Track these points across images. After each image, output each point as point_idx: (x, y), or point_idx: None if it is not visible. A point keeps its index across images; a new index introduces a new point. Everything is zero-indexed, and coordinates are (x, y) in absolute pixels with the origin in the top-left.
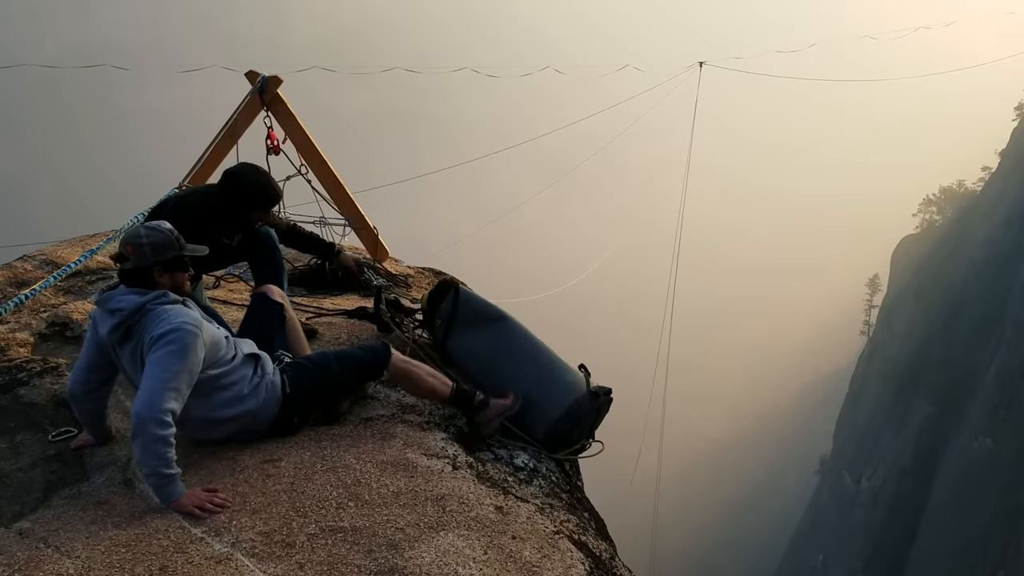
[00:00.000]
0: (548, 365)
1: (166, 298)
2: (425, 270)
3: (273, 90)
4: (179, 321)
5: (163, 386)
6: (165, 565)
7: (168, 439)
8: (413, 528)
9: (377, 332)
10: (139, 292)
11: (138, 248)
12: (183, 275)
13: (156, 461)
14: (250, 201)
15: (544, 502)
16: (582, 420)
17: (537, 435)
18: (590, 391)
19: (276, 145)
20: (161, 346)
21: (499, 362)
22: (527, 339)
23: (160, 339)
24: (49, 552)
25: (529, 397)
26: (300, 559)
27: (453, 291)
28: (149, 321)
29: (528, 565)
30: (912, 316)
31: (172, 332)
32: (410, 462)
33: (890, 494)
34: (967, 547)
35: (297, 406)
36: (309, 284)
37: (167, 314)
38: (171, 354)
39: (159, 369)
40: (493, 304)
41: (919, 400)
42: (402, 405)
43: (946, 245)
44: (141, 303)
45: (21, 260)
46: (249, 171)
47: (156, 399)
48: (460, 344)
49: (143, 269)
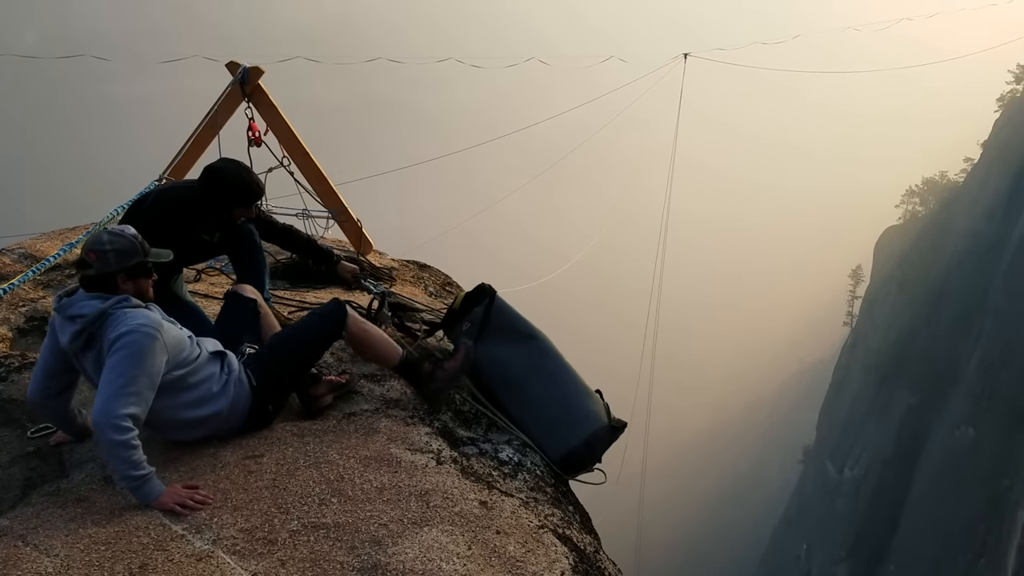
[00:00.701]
0: (573, 390)
1: (128, 303)
2: (410, 263)
3: (254, 81)
4: (135, 324)
5: (118, 391)
6: (145, 563)
7: (128, 443)
8: (396, 524)
9: None
10: (100, 298)
11: (101, 255)
12: (146, 281)
13: (123, 465)
14: (232, 197)
15: (529, 496)
16: (598, 450)
17: (553, 456)
18: (611, 424)
19: (258, 137)
20: (116, 350)
21: (526, 379)
22: (557, 361)
23: (116, 342)
24: (28, 550)
25: (552, 419)
26: (282, 556)
27: (489, 298)
28: (108, 325)
29: (512, 560)
30: (895, 307)
31: (128, 334)
32: (394, 457)
33: (872, 484)
34: (949, 536)
35: (268, 396)
36: (291, 278)
37: (125, 317)
38: (127, 358)
39: (114, 375)
40: (526, 319)
41: (901, 390)
42: (386, 400)
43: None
44: (103, 309)
45: (0, 254)
46: (230, 167)
47: (111, 405)
48: (487, 352)
49: (106, 276)
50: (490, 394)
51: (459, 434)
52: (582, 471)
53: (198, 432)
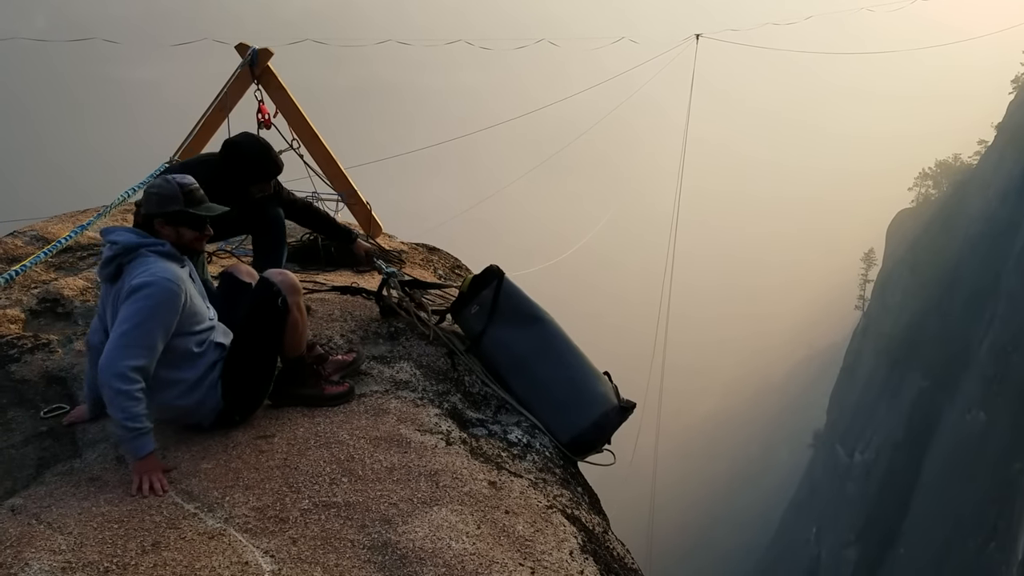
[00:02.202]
0: (581, 372)
1: (162, 248)
2: (419, 246)
3: (263, 63)
4: (161, 276)
5: (131, 341)
6: (158, 541)
7: (131, 393)
8: (406, 503)
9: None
10: (140, 233)
11: (147, 197)
12: (192, 233)
13: (121, 415)
14: (250, 173)
15: (537, 477)
16: (607, 431)
17: (562, 439)
18: (620, 405)
19: (267, 119)
20: (136, 299)
21: (533, 362)
22: (565, 343)
23: (137, 290)
24: (41, 528)
25: (560, 402)
26: (293, 534)
27: (497, 280)
28: (136, 266)
29: (521, 539)
30: (907, 290)
31: (150, 285)
32: (403, 438)
33: (883, 467)
34: (959, 519)
35: (235, 406)
36: (301, 260)
37: (151, 265)
38: (145, 309)
39: (129, 324)
40: (534, 302)
41: (913, 374)
42: (395, 381)
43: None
44: (137, 243)
45: (11, 236)
46: (249, 142)
47: (121, 354)
48: (495, 334)
49: (146, 217)
50: (498, 377)
51: (468, 415)
52: (591, 453)
53: (167, 415)
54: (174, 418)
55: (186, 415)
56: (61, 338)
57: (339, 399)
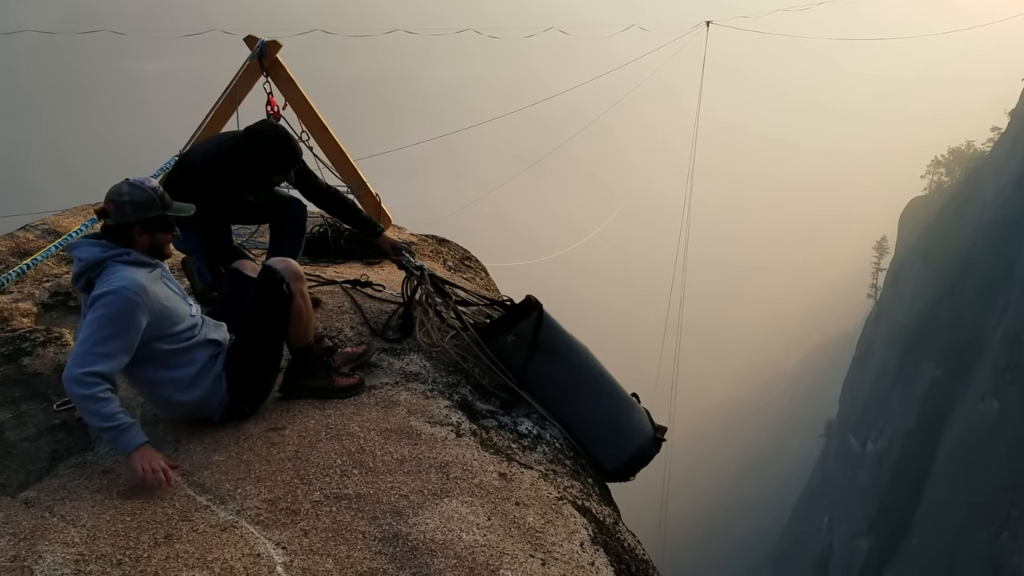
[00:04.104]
0: (616, 403)
1: (127, 257)
2: (429, 237)
3: (272, 55)
4: (118, 284)
5: (88, 350)
6: (170, 533)
7: (95, 396)
8: (417, 495)
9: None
10: (103, 245)
11: (119, 205)
12: (165, 235)
13: (94, 418)
14: (271, 162)
15: (548, 468)
16: (645, 461)
17: (605, 467)
18: (655, 436)
19: (276, 111)
20: (96, 308)
21: (571, 393)
22: (601, 374)
23: (97, 300)
24: (55, 521)
25: (599, 436)
26: (305, 526)
27: (538, 312)
28: (102, 279)
29: (532, 531)
30: (919, 279)
31: (108, 295)
32: (414, 430)
33: (895, 457)
34: (972, 509)
35: (243, 397)
36: (312, 252)
37: (115, 275)
38: (102, 318)
39: (86, 333)
40: (567, 331)
41: (925, 363)
42: (406, 373)
43: (954, 207)
44: (102, 257)
45: (23, 230)
46: (270, 131)
47: (78, 362)
48: (534, 367)
49: (123, 226)
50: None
51: (478, 407)
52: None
53: (174, 412)
54: (183, 415)
55: (194, 410)
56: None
57: (349, 391)
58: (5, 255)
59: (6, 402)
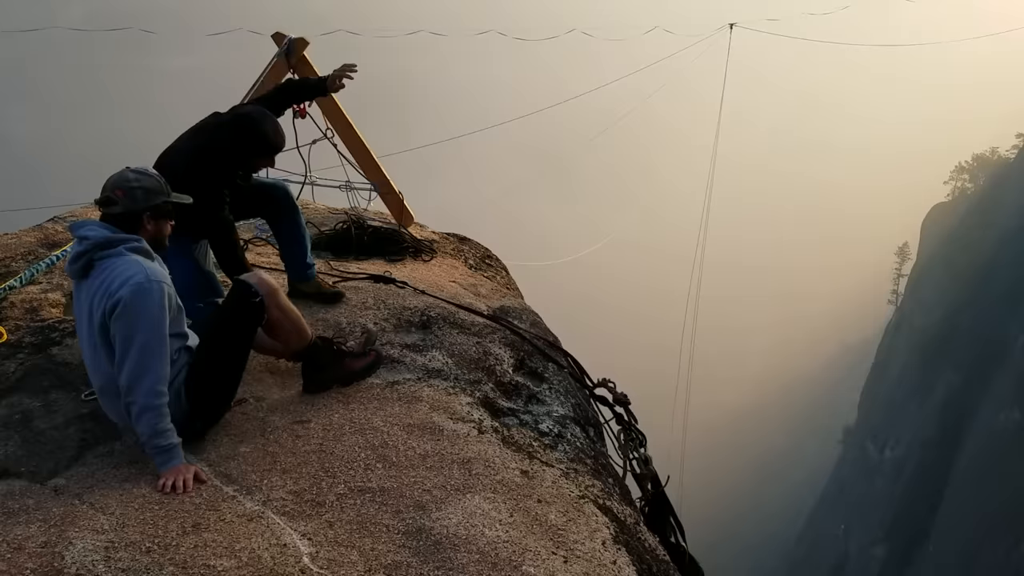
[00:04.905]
0: None
1: (139, 244)
2: (450, 236)
3: (299, 52)
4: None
5: (152, 353)
6: (198, 522)
7: (160, 410)
8: (440, 490)
9: None
10: (112, 228)
11: (129, 192)
12: (167, 224)
13: (148, 431)
14: (257, 148)
15: (569, 467)
16: None
17: None
18: None
19: (302, 109)
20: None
21: None
22: None
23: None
24: (84, 508)
25: None
26: (330, 518)
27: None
28: (115, 267)
29: (554, 528)
30: (941, 286)
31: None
32: (436, 425)
33: (913, 465)
34: (990, 519)
35: (197, 412)
36: (335, 248)
37: (132, 266)
38: (152, 316)
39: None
40: None
41: (946, 371)
42: (428, 370)
43: (977, 213)
44: (111, 238)
45: (52, 222)
46: (260, 116)
47: (146, 369)
48: None
49: (133, 213)
50: None
51: (500, 405)
52: None
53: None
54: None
55: None
56: None
57: (370, 369)
58: (34, 246)
59: (36, 391)
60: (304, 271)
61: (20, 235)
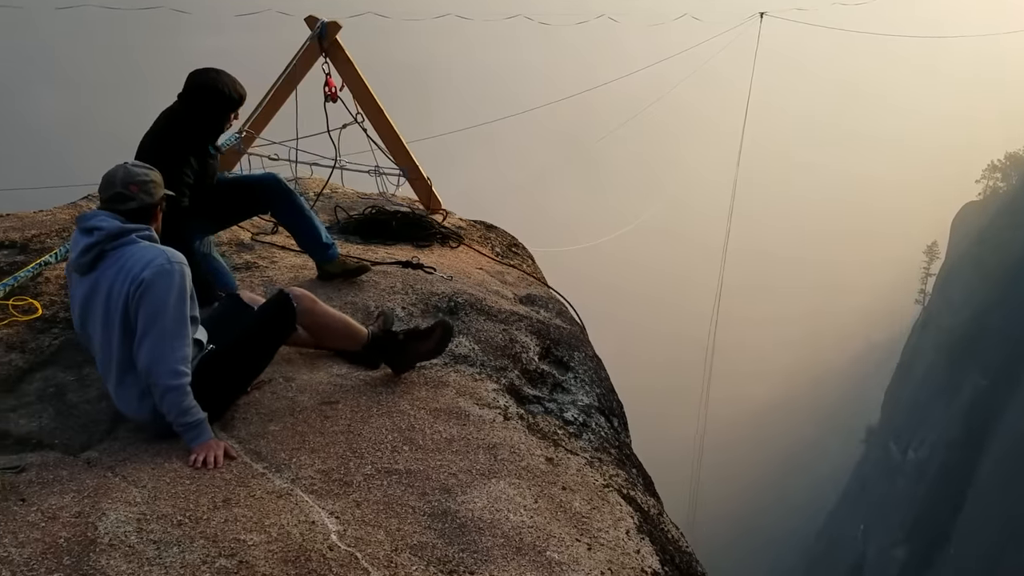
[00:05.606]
0: None
1: (149, 232)
2: (477, 223)
3: (332, 36)
4: (175, 261)
5: (174, 333)
6: (228, 497)
7: (183, 389)
8: (465, 474)
9: None
10: (122, 219)
11: (143, 185)
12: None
13: (174, 410)
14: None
15: (593, 456)
16: None
17: None
18: None
19: (334, 92)
20: (161, 288)
21: None
22: None
23: (160, 277)
24: (117, 481)
25: None
26: (357, 498)
27: None
28: (133, 253)
29: (578, 515)
30: (969, 285)
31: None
32: (462, 410)
33: (936, 466)
34: (1014, 522)
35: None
36: (364, 233)
37: (148, 251)
38: (173, 295)
39: (168, 317)
40: None
41: (972, 372)
42: (454, 355)
43: (1009, 213)
44: (124, 227)
45: (86, 199)
46: (213, 73)
47: (168, 349)
48: None
49: (148, 207)
50: None
51: (525, 392)
52: None
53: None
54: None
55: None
56: None
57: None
58: (68, 223)
59: (69, 365)
60: (325, 252)
61: (55, 212)
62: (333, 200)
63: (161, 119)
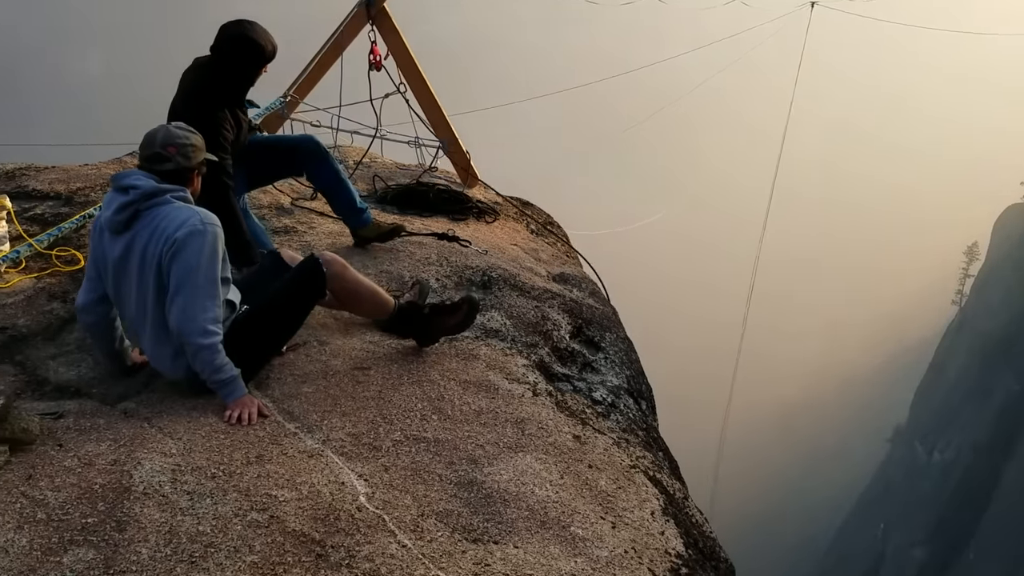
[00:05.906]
0: None
1: (184, 194)
2: (513, 199)
3: (380, 3)
4: (208, 223)
5: (205, 292)
6: (261, 454)
7: (215, 347)
8: (493, 446)
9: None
10: (158, 179)
11: (182, 147)
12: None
13: (207, 368)
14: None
15: (621, 436)
16: None
17: None
18: None
19: (378, 61)
20: (195, 247)
21: None
22: None
23: (193, 236)
24: (153, 432)
25: None
26: (385, 462)
27: None
28: (167, 214)
29: (604, 494)
30: (1009, 288)
31: (203, 232)
32: (492, 384)
33: (962, 469)
34: None
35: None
36: (400, 203)
37: (185, 210)
38: (206, 255)
39: (200, 276)
40: None
41: (1005, 376)
42: (486, 329)
43: None
44: (159, 187)
45: (130, 155)
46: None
47: (200, 307)
48: None
49: (185, 170)
50: None
51: (555, 370)
52: None
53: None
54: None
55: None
56: None
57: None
58: None
59: None
60: (359, 216)
61: (100, 167)
62: (372, 169)
63: (188, 78)
